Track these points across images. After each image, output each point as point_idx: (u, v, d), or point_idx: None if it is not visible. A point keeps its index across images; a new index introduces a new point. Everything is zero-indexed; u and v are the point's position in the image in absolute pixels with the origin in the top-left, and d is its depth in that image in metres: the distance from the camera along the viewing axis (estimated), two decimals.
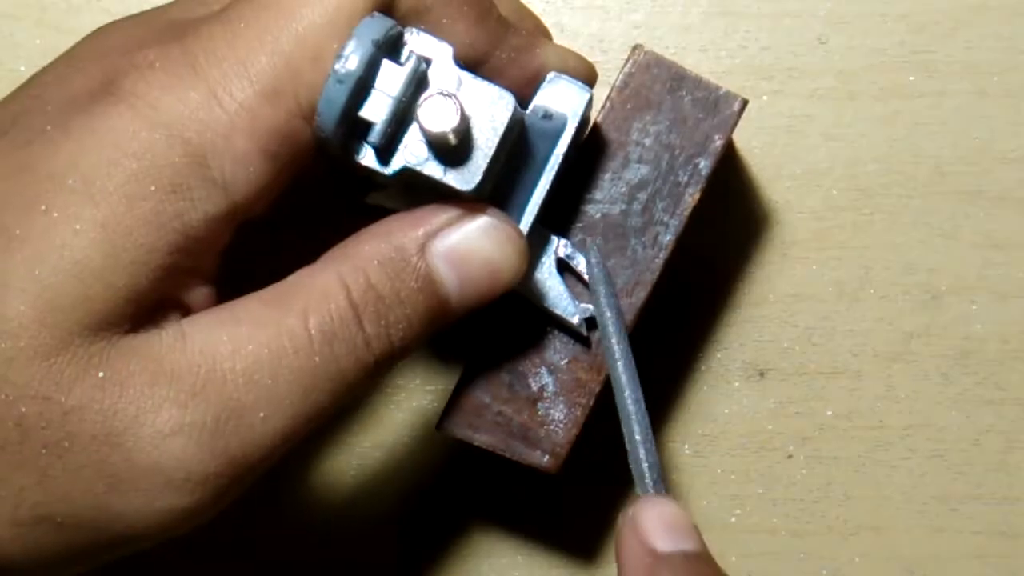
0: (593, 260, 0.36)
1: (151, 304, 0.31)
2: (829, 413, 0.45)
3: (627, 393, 0.35)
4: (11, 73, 0.44)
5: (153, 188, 0.30)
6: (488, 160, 0.32)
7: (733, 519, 0.45)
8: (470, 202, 0.34)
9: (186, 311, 0.32)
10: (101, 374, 0.30)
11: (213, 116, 0.31)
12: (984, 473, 0.44)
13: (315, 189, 0.36)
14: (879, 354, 0.45)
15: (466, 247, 0.33)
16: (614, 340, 0.35)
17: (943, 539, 0.44)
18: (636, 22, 0.44)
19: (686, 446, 0.45)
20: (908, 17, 0.44)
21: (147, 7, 0.42)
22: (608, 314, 0.36)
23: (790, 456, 0.44)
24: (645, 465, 0.34)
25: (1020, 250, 0.44)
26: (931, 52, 0.44)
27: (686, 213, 0.37)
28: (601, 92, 0.37)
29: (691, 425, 0.45)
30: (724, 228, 0.43)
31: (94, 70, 0.32)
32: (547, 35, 0.38)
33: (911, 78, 0.44)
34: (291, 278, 0.33)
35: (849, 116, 0.44)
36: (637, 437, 0.34)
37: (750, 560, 0.45)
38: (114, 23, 0.35)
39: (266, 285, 0.33)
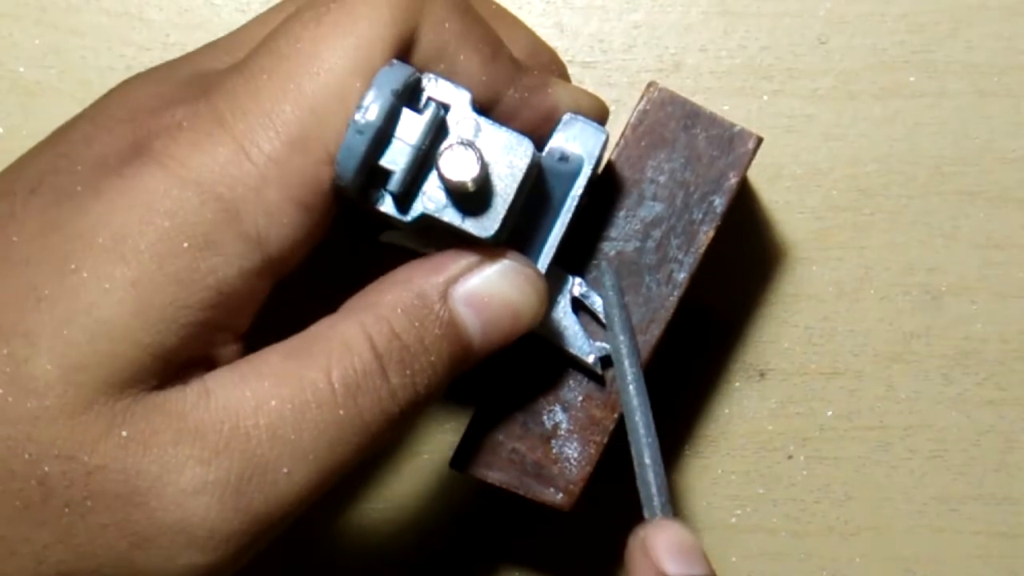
0: (608, 283, 0.36)
1: (180, 361, 0.31)
2: (829, 414, 0.44)
3: (637, 416, 0.35)
4: (11, 73, 0.44)
5: (186, 245, 0.30)
6: (507, 207, 0.32)
7: (734, 519, 0.44)
8: (489, 247, 0.33)
9: (216, 365, 0.32)
10: (125, 433, 0.30)
11: (243, 170, 0.31)
12: (984, 473, 0.44)
13: (332, 232, 0.35)
14: (879, 354, 0.44)
15: (487, 291, 0.33)
16: (626, 362, 0.35)
17: (943, 539, 0.44)
18: (636, 22, 0.44)
19: (687, 447, 0.45)
20: (908, 17, 0.44)
21: (148, 9, 0.42)
22: (621, 337, 0.35)
23: (790, 457, 0.44)
24: (654, 488, 0.34)
25: (1020, 250, 0.44)
26: (931, 52, 0.44)
27: (700, 251, 0.37)
28: (607, 94, 0.36)
29: (692, 426, 0.45)
30: (724, 231, 0.42)
31: (123, 131, 0.32)
32: (562, 68, 0.38)
33: (911, 78, 0.44)
34: (312, 329, 0.32)
35: (849, 116, 0.44)
36: (647, 460, 0.34)
37: (750, 561, 0.44)
38: (139, 77, 0.34)
39: (283, 331, 0.33)
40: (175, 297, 0.30)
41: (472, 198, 0.32)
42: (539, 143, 0.34)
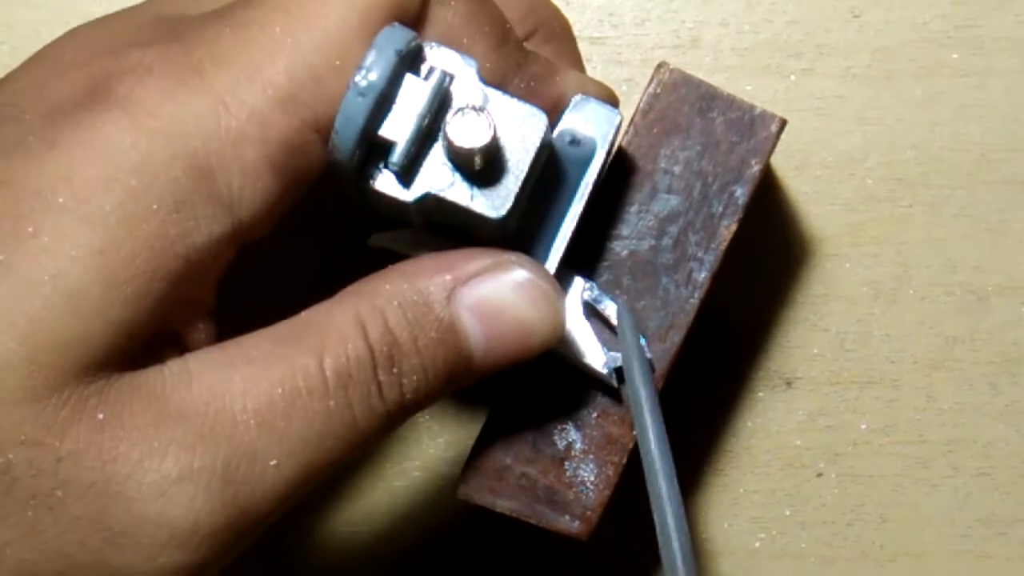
0: (622, 310, 0.36)
1: (150, 338, 0.30)
2: (863, 427, 0.44)
3: (659, 471, 0.34)
4: None
5: (155, 207, 0.29)
6: (519, 184, 0.32)
7: (757, 544, 0.44)
8: (501, 242, 0.33)
9: (185, 346, 0.32)
10: (101, 415, 0.29)
11: (221, 125, 0.30)
12: None
13: (325, 225, 0.36)
14: (919, 361, 0.44)
15: (498, 301, 0.32)
16: (643, 396, 0.35)
17: (990, 566, 0.43)
18: None
19: (705, 463, 0.44)
20: None
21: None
22: (637, 375, 0.35)
23: (820, 474, 0.44)
24: (677, 547, 0.33)
25: None
26: (977, 27, 0.43)
27: (722, 247, 0.36)
28: (618, 73, 0.36)
29: (710, 440, 0.44)
30: (747, 224, 0.41)
31: (78, 75, 0.31)
32: (565, 25, 0.37)
33: (954, 55, 0.43)
34: (305, 314, 0.32)
35: (886, 98, 0.43)
36: (670, 521, 0.34)
37: None
38: (91, 23, 0.33)
39: (271, 318, 0.32)
40: (146, 267, 0.29)
41: (482, 173, 0.32)
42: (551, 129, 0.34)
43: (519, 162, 0.32)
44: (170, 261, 0.30)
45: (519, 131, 0.32)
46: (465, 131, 0.31)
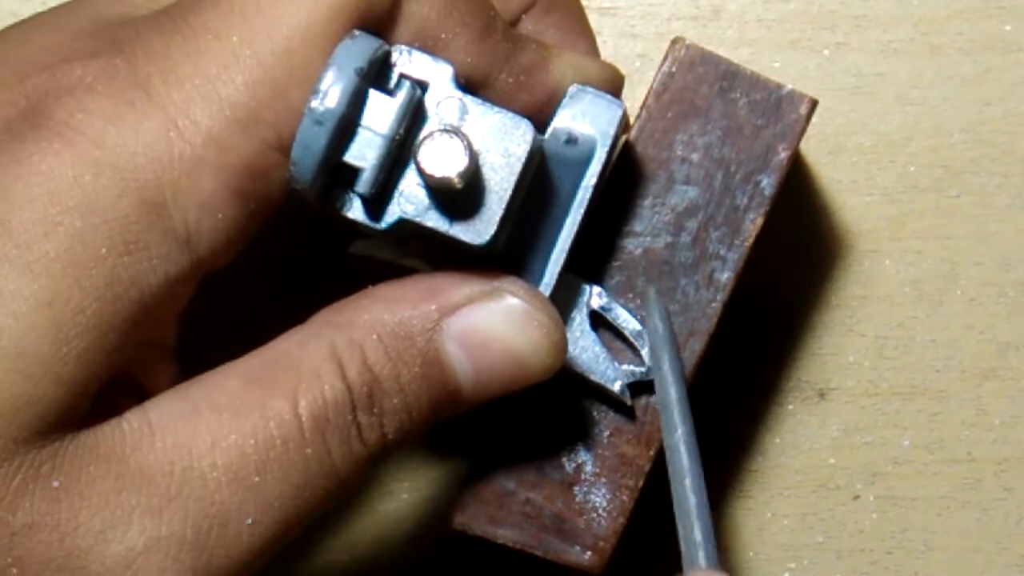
0: (656, 313, 0.35)
1: (108, 392, 0.30)
2: (906, 443, 0.43)
3: (683, 450, 0.34)
4: None
5: (104, 251, 0.29)
6: (503, 206, 0.31)
7: (786, 574, 0.43)
8: (490, 257, 0.33)
9: (144, 391, 0.31)
10: (56, 483, 0.29)
11: (174, 152, 0.30)
12: None
13: (294, 231, 0.36)
14: (967, 370, 0.43)
15: (487, 331, 0.32)
16: (675, 410, 0.34)
17: None
18: None
19: (728, 484, 0.43)
20: None
21: None
22: (669, 377, 0.35)
23: (857, 497, 0.43)
24: (698, 533, 0.33)
25: None
26: None
27: (747, 243, 0.36)
28: (631, 47, 0.37)
29: (735, 459, 0.43)
30: (774, 218, 0.40)
31: (8, 96, 0.30)
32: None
33: (1007, 27, 0.43)
34: (276, 347, 0.32)
35: (930, 75, 0.43)
36: (691, 502, 0.33)
37: None
38: (20, 28, 0.33)
39: (235, 337, 0.32)
40: (98, 317, 0.29)
41: (460, 197, 0.31)
42: (540, 127, 0.34)
43: (502, 180, 0.31)
44: (124, 308, 0.29)
45: (501, 145, 0.31)
46: (438, 158, 0.30)
